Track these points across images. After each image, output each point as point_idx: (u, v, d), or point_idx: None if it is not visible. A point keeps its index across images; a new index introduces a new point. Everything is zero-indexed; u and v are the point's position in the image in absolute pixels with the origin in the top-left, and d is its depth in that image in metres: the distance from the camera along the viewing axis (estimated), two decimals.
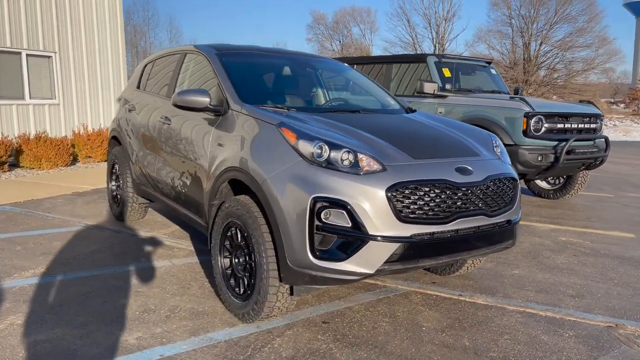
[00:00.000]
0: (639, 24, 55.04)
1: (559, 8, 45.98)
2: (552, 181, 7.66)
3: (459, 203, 2.85)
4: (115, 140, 5.57)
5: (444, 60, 7.56)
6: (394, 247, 2.67)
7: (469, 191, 2.89)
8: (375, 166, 2.74)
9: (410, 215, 2.71)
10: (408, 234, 2.69)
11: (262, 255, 2.86)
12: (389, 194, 2.65)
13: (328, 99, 4.28)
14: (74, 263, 4.20)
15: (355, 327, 3.14)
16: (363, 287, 3.75)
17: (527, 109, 6.15)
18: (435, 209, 2.77)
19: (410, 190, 2.72)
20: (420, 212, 2.73)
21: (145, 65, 5.35)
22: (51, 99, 11.12)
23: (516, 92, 8.51)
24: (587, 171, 7.11)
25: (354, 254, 2.65)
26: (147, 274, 3.97)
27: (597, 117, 6.84)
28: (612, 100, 55.81)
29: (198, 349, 2.81)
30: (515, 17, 47.25)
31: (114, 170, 5.55)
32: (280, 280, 2.86)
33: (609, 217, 6.46)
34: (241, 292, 3.14)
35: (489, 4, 53.56)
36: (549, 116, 6.24)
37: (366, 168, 2.73)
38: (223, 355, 2.74)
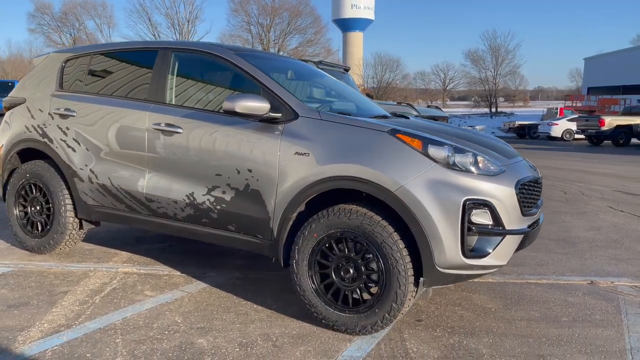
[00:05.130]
0: (345, 38, 64.11)
1: (292, 20, 51.07)
2: None
3: (536, 197, 3.34)
4: (21, 155, 4.46)
5: (320, 66, 7.97)
6: (519, 239, 3.01)
7: (539, 186, 3.41)
8: (493, 167, 3.02)
9: (525, 210, 3.08)
10: (526, 226, 3.06)
11: (399, 262, 2.86)
12: (516, 191, 2.98)
13: (354, 105, 4.26)
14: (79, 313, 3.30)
15: (447, 319, 3.35)
16: None
17: (415, 112, 7.04)
18: (531, 203, 3.21)
19: (523, 188, 3.09)
20: (526, 206, 3.13)
21: (67, 61, 4.38)
22: None
23: (369, 97, 9.44)
24: None
25: (495, 248, 2.90)
26: (182, 308, 3.39)
27: (446, 119, 8.20)
28: None
29: None
30: (254, 25, 50.38)
31: (22, 192, 4.40)
32: (417, 285, 2.91)
33: None
34: (351, 305, 3.04)
35: (229, 10, 55.31)
36: (429, 119, 7.25)
37: (490, 168, 2.99)
38: None
